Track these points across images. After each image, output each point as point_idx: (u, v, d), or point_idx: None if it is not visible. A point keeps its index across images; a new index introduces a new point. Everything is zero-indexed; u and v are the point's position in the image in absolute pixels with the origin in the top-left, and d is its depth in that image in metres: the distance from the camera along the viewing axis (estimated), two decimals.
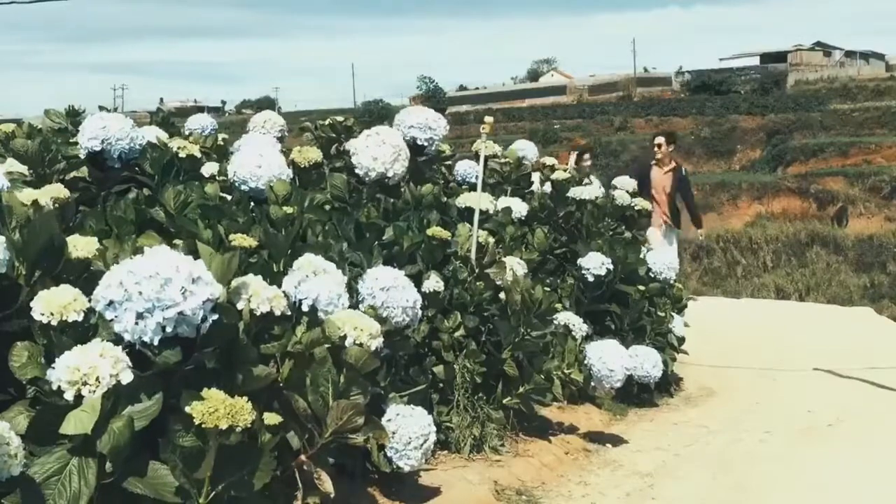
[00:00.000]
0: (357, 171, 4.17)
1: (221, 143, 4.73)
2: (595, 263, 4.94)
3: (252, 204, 3.46)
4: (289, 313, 2.49)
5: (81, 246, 2.36)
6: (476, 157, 4.62)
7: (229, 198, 3.57)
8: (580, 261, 5.01)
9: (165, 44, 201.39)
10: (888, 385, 5.80)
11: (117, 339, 2.01)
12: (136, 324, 1.99)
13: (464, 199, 4.53)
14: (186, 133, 4.99)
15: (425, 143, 4.53)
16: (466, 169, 5.45)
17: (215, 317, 2.08)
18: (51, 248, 2.23)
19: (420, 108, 4.79)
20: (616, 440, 4.52)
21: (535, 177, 5.99)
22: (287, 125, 5.17)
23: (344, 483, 2.88)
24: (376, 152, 4.11)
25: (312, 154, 4.19)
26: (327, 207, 3.83)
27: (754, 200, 34.52)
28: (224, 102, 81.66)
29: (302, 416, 2.48)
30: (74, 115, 4.41)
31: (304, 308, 2.68)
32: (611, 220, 5.81)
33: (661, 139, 8.78)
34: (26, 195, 2.51)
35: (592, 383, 4.45)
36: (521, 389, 4.04)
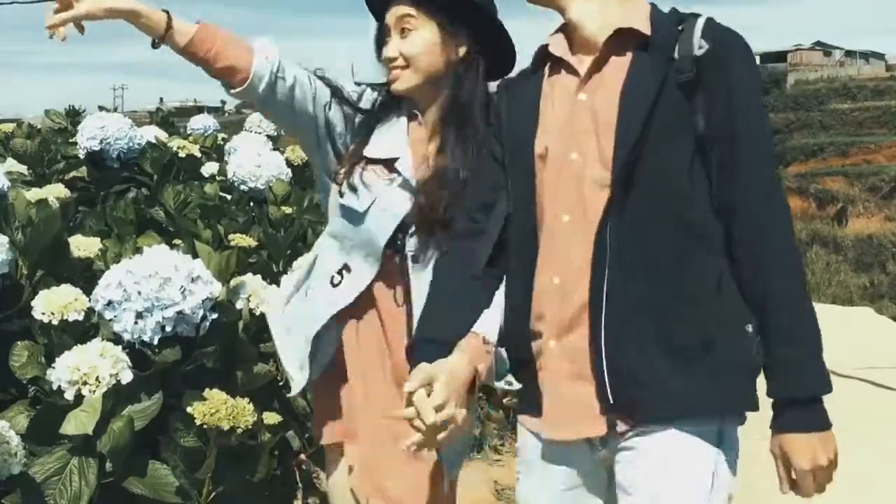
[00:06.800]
0: None
1: (221, 142, 4.73)
2: None
3: (251, 204, 3.46)
4: None
5: (84, 246, 2.36)
6: None
7: (229, 197, 3.57)
8: None
9: None
10: (888, 385, 5.78)
11: (117, 339, 2.01)
12: (136, 323, 1.99)
13: None
14: (188, 133, 4.99)
15: None
16: None
17: (215, 316, 2.08)
18: (54, 248, 2.23)
19: None
20: None
21: None
22: None
23: None
24: None
25: None
26: None
27: None
28: (224, 102, 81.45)
29: (302, 415, 2.48)
30: (74, 115, 4.41)
31: None
32: None
33: None
34: (33, 195, 2.52)
35: None
36: None
